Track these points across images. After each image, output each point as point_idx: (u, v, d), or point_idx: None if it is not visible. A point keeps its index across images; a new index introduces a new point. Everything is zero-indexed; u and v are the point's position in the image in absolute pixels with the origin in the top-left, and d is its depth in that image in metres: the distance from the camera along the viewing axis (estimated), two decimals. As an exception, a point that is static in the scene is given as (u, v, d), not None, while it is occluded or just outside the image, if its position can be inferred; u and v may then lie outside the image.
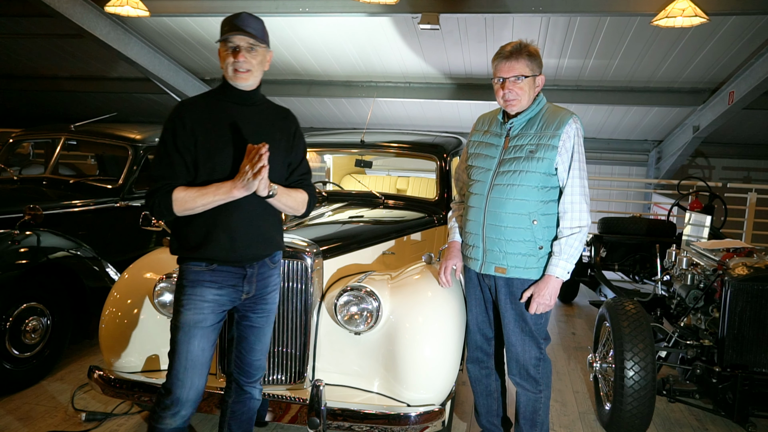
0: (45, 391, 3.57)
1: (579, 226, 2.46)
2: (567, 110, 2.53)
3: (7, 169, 4.81)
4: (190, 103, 2.22)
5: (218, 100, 2.23)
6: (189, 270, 2.20)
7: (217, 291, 2.20)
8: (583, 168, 2.48)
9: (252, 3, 7.19)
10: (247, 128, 2.21)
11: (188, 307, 2.18)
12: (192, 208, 2.11)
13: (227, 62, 2.17)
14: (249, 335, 2.37)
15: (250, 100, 2.26)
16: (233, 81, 2.20)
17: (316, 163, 5.12)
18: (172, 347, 2.20)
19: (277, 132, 2.30)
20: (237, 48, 2.15)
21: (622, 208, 10.20)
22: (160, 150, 2.16)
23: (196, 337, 2.18)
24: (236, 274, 2.23)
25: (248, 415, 2.47)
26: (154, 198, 2.11)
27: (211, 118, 2.18)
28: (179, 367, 2.17)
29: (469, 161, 2.67)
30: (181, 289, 2.21)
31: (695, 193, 5.91)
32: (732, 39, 7.24)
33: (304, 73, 9.80)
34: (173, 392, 2.17)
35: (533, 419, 2.65)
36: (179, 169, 2.13)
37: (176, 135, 2.12)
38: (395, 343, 2.57)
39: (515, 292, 2.53)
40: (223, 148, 2.16)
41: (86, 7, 7.53)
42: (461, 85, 9.66)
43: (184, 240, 2.19)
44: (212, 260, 2.19)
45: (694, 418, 3.59)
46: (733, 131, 10.55)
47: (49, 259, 3.65)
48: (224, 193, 2.09)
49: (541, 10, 6.67)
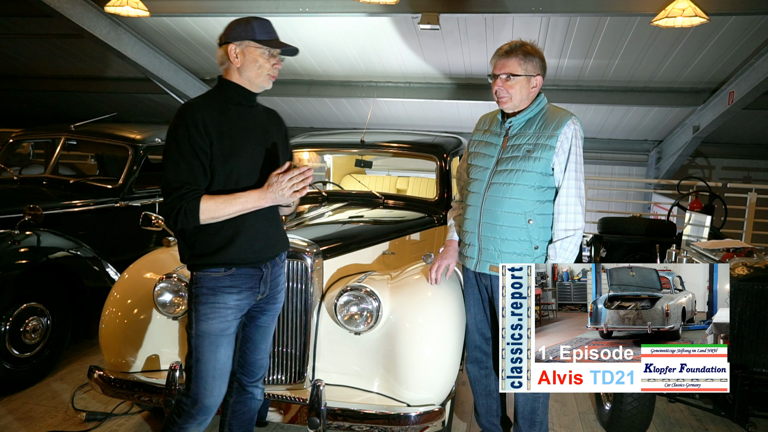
0: (45, 391, 3.57)
1: (573, 229, 2.46)
2: (567, 111, 2.54)
3: (7, 169, 4.81)
4: (200, 105, 2.16)
5: (225, 102, 2.20)
6: (207, 277, 2.15)
7: (237, 296, 2.19)
8: (579, 170, 2.48)
9: (252, 3, 7.19)
10: (255, 131, 2.23)
11: (212, 316, 2.15)
12: (219, 216, 2.08)
13: (262, 66, 2.17)
14: (255, 335, 2.37)
15: (254, 102, 2.28)
16: (264, 84, 2.22)
17: (316, 163, 5.13)
18: (197, 356, 2.16)
19: (276, 134, 2.33)
20: (276, 55, 2.21)
21: (622, 208, 10.19)
22: (175, 154, 2.07)
23: (222, 346, 2.17)
24: (254, 275, 2.22)
25: (249, 415, 2.47)
26: (181, 204, 2.03)
27: (223, 121, 2.14)
28: (206, 376, 2.16)
29: (468, 160, 2.69)
30: (200, 298, 2.16)
31: (695, 193, 5.91)
32: (732, 39, 7.24)
33: (304, 73, 9.80)
34: (200, 401, 2.16)
35: (532, 419, 2.65)
36: (198, 174, 2.07)
37: (191, 138, 2.05)
38: (395, 343, 2.57)
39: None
40: (239, 152, 2.15)
41: (86, 7, 7.53)
42: (461, 85, 9.66)
43: (203, 246, 2.14)
44: (231, 264, 2.15)
45: (694, 418, 3.59)
46: (733, 131, 10.55)
47: (49, 259, 3.65)
48: (253, 203, 2.11)
49: (541, 10, 6.67)
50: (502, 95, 2.50)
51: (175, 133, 2.08)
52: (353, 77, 9.82)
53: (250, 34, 2.14)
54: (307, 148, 4.50)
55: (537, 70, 2.49)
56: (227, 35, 2.18)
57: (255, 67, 2.17)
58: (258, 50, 2.16)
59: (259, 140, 2.22)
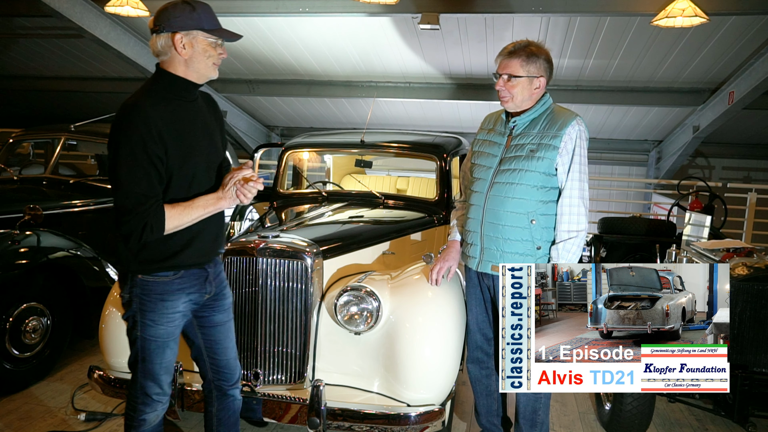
0: (45, 391, 3.57)
1: (576, 230, 2.45)
2: (572, 112, 2.52)
3: (7, 169, 4.81)
4: (148, 105, 1.96)
5: (171, 98, 2.04)
6: (154, 282, 2.05)
7: (186, 298, 2.14)
8: (583, 171, 2.47)
9: (252, 3, 7.19)
10: (201, 126, 2.13)
11: (161, 321, 2.08)
12: (182, 225, 2.00)
13: (208, 55, 2.02)
14: (217, 335, 2.31)
15: (197, 95, 2.15)
16: (210, 75, 2.08)
17: (316, 163, 5.13)
18: (144, 357, 2.11)
19: (214, 122, 2.22)
20: (222, 43, 2.08)
21: (622, 208, 10.19)
22: (130, 163, 1.89)
23: (169, 347, 2.14)
24: (200, 276, 2.17)
25: (234, 418, 2.45)
26: (146, 220, 1.91)
27: (174, 122, 2.00)
28: (154, 373, 2.13)
29: (472, 159, 2.69)
30: (147, 305, 2.06)
31: (695, 193, 5.91)
32: (732, 39, 7.24)
33: (304, 73, 9.80)
34: (150, 395, 2.15)
35: (533, 419, 2.65)
36: (157, 184, 1.95)
37: (146, 145, 1.90)
38: (395, 343, 2.57)
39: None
40: (194, 153, 2.05)
41: (86, 6, 7.53)
42: (461, 85, 9.66)
43: (152, 253, 2.02)
44: (179, 267, 2.08)
45: (694, 418, 3.59)
46: (733, 131, 10.55)
47: (49, 259, 3.65)
48: (212, 206, 2.05)
49: (541, 10, 6.67)
50: (504, 95, 2.51)
51: (128, 139, 1.90)
52: (353, 77, 9.82)
53: (198, 23, 1.98)
54: (307, 148, 4.50)
55: (540, 72, 2.48)
56: (169, 22, 1.96)
57: (204, 58, 2.02)
58: (207, 40, 2.01)
59: (206, 135, 2.12)
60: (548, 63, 2.51)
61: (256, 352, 2.68)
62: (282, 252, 2.65)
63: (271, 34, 8.27)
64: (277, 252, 2.65)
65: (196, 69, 2.04)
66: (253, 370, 2.69)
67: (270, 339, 2.68)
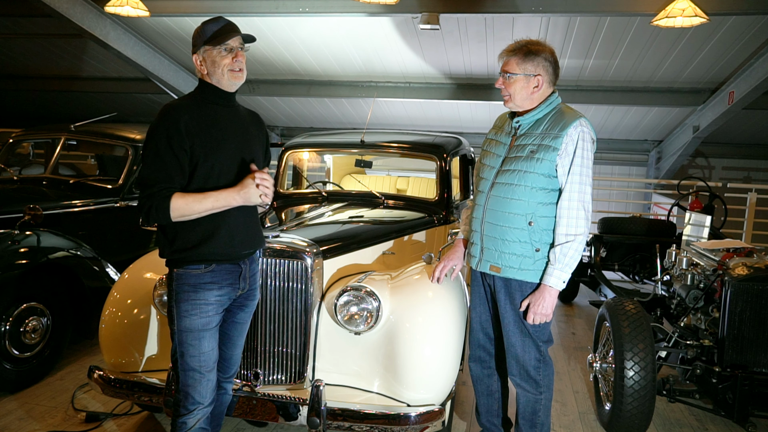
0: (45, 391, 3.57)
1: (575, 234, 2.40)
2: (577, 113, 2.49)
3: (7, 169, 4.81)
4: (181, 105, 2.20)
5: (205, 102, 2.24)
6: (187, 274, 2.19)
7: (218, 292, 2.23)
8: (585, 173, 2.43)
9: (252, 3, 7.19)
10: (236, 129, 2.27)
11: (194, 312, 2.19)
12: (190, 214, 2.12)
13: (223, 64, 2.19)
14: (232, 331, 2.40)
15: (233, 102, 2.32)
16: (231, 81, 2.23)
17: (316, 163, 5.13)
18: (182, 351, 2.22)
19: (256, 134, 2.39)
20: (233, 49, 2.21)
21: (622, 208, 10.19)
22: (151, 153, 2.13)
23: (205, 339, 2.22)
24: (233, 271, 2.26)
25: (220, 409, 2.50)
26: (151, 202, 2.09)
27: (202, 120, 2.18)
28: (193, 369, 2.22)
29: (480, 158, 2.71)
30: (181, 295, 2.20)
31: (695, 193, 5.91)
32: (732, 39, 7.24)
33: (304, 73, 9.80)
34: (191, 394, 2.23)
35: (533, 420, 2.64)
36: (174, 173, 2.12)
37: (170, 137, 2.10)
38: (395, 343, 2.57)
39: (513, 293, 2.53)
40: (220, 149, 2.19)
41: (86, 7, 7.53)
42: (461, 85, 9.66)
43: (183, 240, 2.18)
44: (211, 260, 2.20)
45: (694, 418, 3.59)
46: (733, 131, 10.55)
47: (49, 259, 3.65)
48: (223, 201, 2.15)
49: (541, 10, 6.67)
50: (504, 93, 2.53)
51: (154, 133, 2.13)
52: (353, 77, 9.82)
53: (203, 39, 2.19)
54: (307, 148, 4.50)
55: (538, 70, 2.47)
56: (193, 45, 2.24)
57: (217, 69, 2.19)
58: (214, 51, 2.18)
59: (239, 139, 2.27)
60: (549, 61, 2.49)
61: (256, 352, 2.69)
62: (282, 252, 2.66)
63: (271, 34, 8.27)
64: (277, 252, 2.65)
65: (216, 80, 2.23)
66: (253, 370, 2.69)
67: (270, 339, 2.68)
